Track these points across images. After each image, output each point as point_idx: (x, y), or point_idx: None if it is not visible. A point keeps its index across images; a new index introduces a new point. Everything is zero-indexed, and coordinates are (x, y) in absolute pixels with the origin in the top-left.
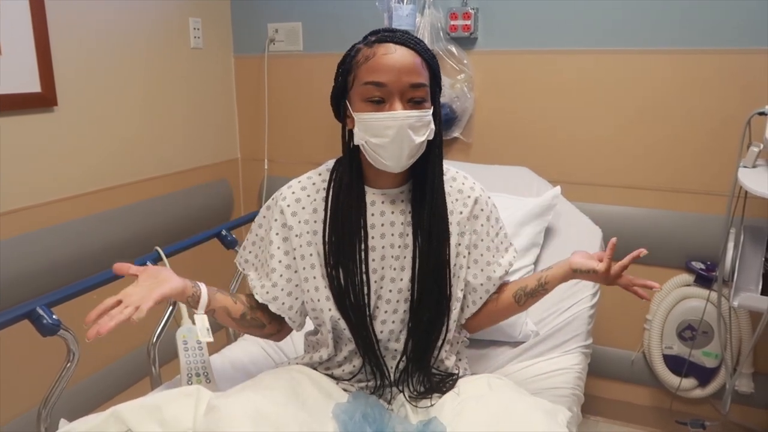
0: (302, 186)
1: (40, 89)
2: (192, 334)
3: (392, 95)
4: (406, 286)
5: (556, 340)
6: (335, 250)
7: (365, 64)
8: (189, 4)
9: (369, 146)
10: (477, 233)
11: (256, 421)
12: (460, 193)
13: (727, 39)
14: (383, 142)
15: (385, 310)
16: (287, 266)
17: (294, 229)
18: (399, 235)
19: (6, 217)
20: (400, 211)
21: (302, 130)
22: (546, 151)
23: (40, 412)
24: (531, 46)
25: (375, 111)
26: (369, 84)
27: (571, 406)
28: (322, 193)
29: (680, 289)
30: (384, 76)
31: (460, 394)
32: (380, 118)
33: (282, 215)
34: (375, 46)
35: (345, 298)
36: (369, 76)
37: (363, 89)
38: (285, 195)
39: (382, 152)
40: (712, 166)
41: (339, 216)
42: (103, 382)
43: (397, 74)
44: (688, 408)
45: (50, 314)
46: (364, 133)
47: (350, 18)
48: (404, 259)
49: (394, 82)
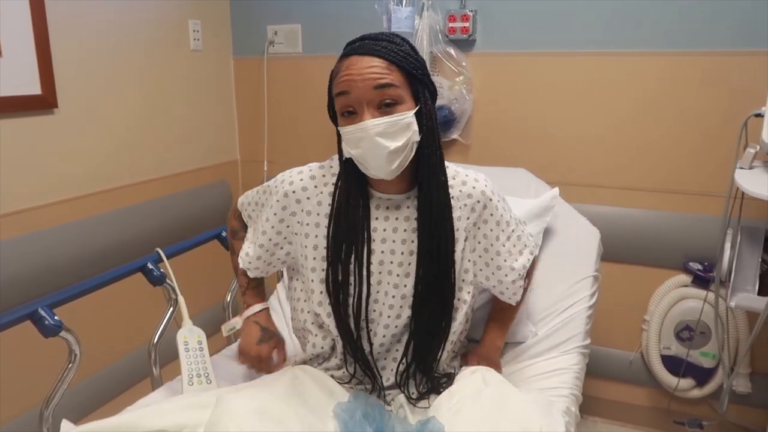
0: (312, 175)
1: (41, 91)
2: (192, 335)
3: (361, 105)
4: (410, 292)
5: (555, 340)
6: (334, 250)
7: (335, 80)
8: (189, 7)
9: (354, 158)
10: (487, 238)
11: (260, 418)
12: (469, 198)
13: (723, 41)
14: (360, 153)
15: (387, 315)
16: (275, 244)
17: (297, 216)
18: (402, 242)
19: (7, 218)
20: (405, 218)
21: (302, 132)
22: (544, 153)
23: (42, 412)
24: (529, 48)
25: (349, 123)
26: (338, 96)
27: (569, 406)
28: (329, 187)
29: (678, 290)
30: (347, 86)
31: (456, 391)
32: (351, 131)
33: (286, 198)
34: (343, 60)
35: (337, 298)
36: (336, 88)
37: (337, 102)
38: (293, 179)
39: (364, 162)
40: (709, 167)
41: (343, 216)
42: (105, 383)
43: (360, 83)
44: (686, 408)
45: (52, 315)
46: (346, 145)
47: (349, 20)
48: (408, 265)
49: (357, 91)
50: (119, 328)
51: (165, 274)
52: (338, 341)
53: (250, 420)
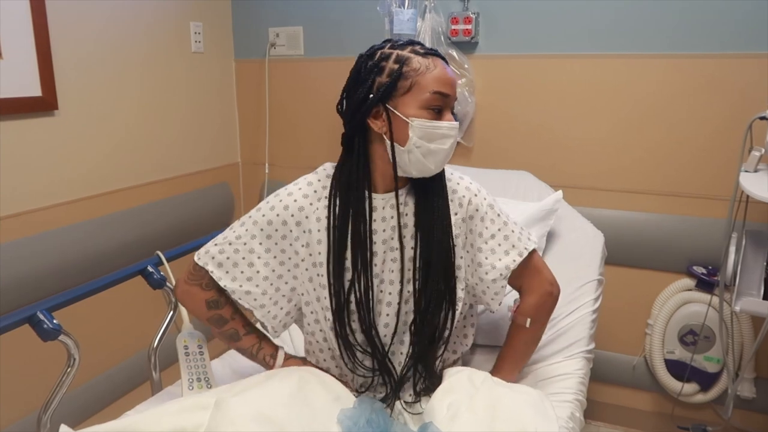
0: (304, 193)
1: (41, 93)
2: (193, 339)
3: (448, 107)
4: (406, 287)
5: (559, 344)
6: (338, 260)
7: (430, 74)
8: (190, 8)
9: (420, 151)
10: (472, 233)
11: (260, 423)
12: (454, 194)
13: (727, 44)
14: (440, 148)
15: (387, 313)
16: (279, 276)
17: (300, 240)
18: (397, 238)
19: (7, 220)
20: (404, 214)
21: (303, 134)
22: (547, 156)
23: (41, 416)
24: (532, 51)
25: (434, 119)
26: (437, 93)
27: (573, 412)
28: (324, 202)
29: (681, 294)
30: (449, 89)
31: (447, 391)
32: (443, 126)
33: (284, 226)
34: (430, 58)
35: (347, 308)
36: (438, 87)
37: (429, 97)
38: (287, 203)
39: (432, 158)
40: (713, 170)
41: (345, 225)
42: (104, 387)
43: (453, 89)
44: (690, 413)
45: (51, 319)
46: (421, 138)
47: (351, 22)
48: (409, 260)
49: (452, 96)
50: (119, 331)
51: (165, 278)
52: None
53: (250, 425)
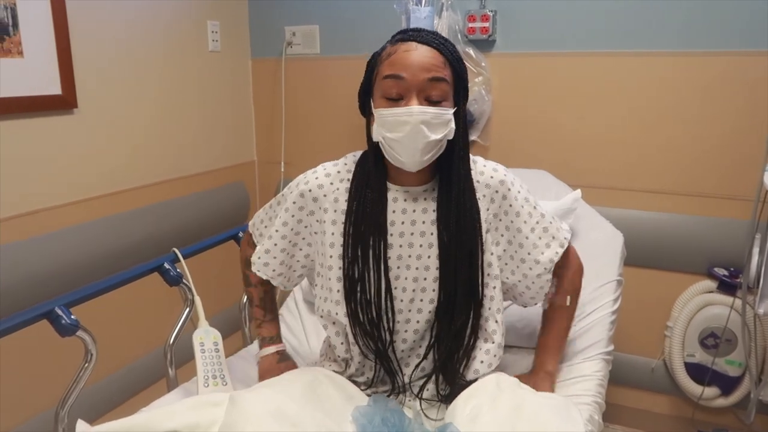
0: (327, 173)
1: (61, 91)
2: (209, 336)
3: (410, 91)
4: (430, 286)
5: (577, 346)
6: (352, 245)
7: (387, 60)
8: (207, 8)
9: (386, 142)
10: (509, 229)
11: (277, 419)
12: (487, 188)
13: (744, 41)
14: (398, 137)
15: (408, 309)
16: (294, 245)
17: (315, 215)
18: (420, 234)
19: (25, 218)
20: (422, 210)
21: (319, 133)
22: (565, 155)
23: (58, 412)
24: (550, 49)
25: (391, 106)
26: (388, 78)
27: (592, 414)
28: (345, 184)
29: (702, 296)
30: (402, 70)
31: (470, 396)
32: (396, 113)
33: (302, 198)
34: (398, 43)
35: (356, 295)
36: (388, 70)
37: (383, 84)
38: (308, 179)
39: (398, 147)
40: (733, 169)
41: (360, 211)
42: (120, 383)
43: (415, 70)
44: (711, 417)
45: (69, 314)
46: (381, 128)
47: (367, 21)
48: (428, 258)
49: (411, 76)
50: (135, 328)
51: (182, 275)
52: (353, 345)
53: (267, 421)
